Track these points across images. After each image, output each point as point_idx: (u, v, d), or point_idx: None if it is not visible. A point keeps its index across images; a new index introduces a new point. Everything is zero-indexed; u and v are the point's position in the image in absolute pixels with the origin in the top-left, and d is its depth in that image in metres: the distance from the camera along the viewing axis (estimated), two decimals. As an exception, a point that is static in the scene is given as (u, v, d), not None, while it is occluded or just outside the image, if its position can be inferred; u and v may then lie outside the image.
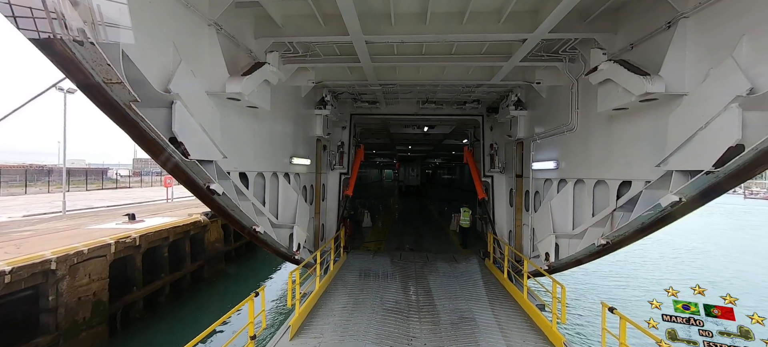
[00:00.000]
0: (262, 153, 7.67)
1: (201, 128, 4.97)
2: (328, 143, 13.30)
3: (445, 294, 8.66)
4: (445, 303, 8.14)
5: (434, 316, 7.41)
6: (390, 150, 32.24)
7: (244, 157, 6.75)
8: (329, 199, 13.53)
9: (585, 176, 7.47)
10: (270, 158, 8.07)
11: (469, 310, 7.68)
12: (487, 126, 13.60)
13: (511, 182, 12.50)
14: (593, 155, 7.17)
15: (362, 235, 16.98)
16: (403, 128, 19.17)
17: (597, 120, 6.97)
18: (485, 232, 13.82)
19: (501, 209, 12.98)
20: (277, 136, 8.49)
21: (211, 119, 5.35)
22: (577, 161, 7.81)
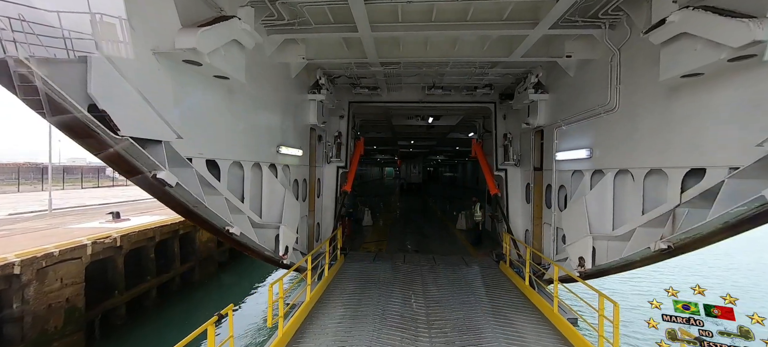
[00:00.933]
0: (241, 139, 6.36)
1: (140, 95, 3.69)
2: (323, 133, 12.00)
3: (458, 305, 7.38)
4: (459, 316, 6.86)
5: (446, 333, 6.13)
6: (391, 146, 30.93)
7: (214, 141, 5.45)
8: (325, 195, 12.25)
9: (630, 165, 6.16)
10: (251, 146, 6.76)
11: (488, 326, 6.39)
12: (500, 114, 12.27)
13: (527, 175, 11.18)
14: (642, 138, 5.85)
15: (362, 234, 15.70)
16: (406, 120, 17.84)
17: (649, 95, 5.65)
18: (498, 232, 12.52)
19: (516, 206, 11.67)
20: (262, 120, 7.18)
21: (158, 87, 4.07)
22: (617, 147, 6.50)
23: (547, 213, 9.62)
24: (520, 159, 11.64)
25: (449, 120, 17.26)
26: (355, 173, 13.33)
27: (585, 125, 7.58)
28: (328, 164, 12.32)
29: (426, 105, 12.78)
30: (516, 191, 11.75)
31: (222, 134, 5.67)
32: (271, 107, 7.65)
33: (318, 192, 11.72)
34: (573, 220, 7.31)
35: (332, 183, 12.30)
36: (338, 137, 12.28)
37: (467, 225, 17.20)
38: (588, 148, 7.31)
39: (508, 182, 11.85)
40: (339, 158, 12.20)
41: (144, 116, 3.76)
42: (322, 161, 12.05)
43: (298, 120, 9.63)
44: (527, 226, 11.14)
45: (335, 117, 12.67)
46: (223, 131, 5.71)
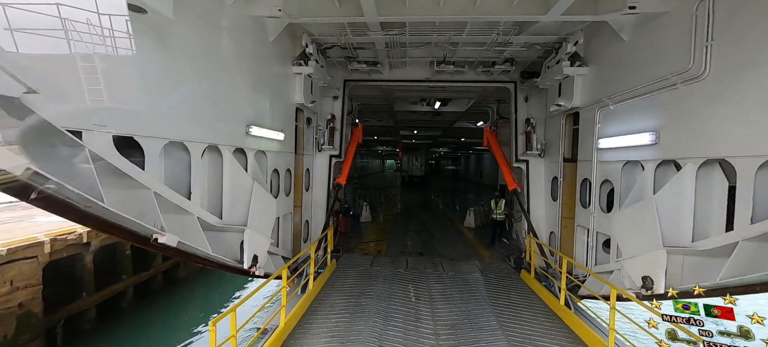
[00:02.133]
0: (185, 111, 4.60)
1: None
2: (314, 115, 10.22)
3: (475, 331, 5.73)
4: None
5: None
6: (393, 136, 29.12)
7: (132, 110, 3.71)
8: (316, 188, 10.53)
9: (729, 152, 4.40)
10: (204, 122, 5.01)
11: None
12: (521, 96, 10.46)
13: (553, 168, 9.43)
14: (751, 115, 4.09)
15: (360, 232, 14.03)
16: (410, 106, 16.04)
17: None
18: (518, 233, 10.81)
19: (538, 204, 9.95)
20: (222, 89, 5.41)
21: None
22: (703, 129, 4.73)
23: (581, 213, 7.89)
24: (545, 149, 9.87)
25: (458, 106, 15.43)
26: (352, 163, 11.65)
27: (647, 101, 5.80)
28: (320, 152, 10.58)
29: (434, 85, 10.97)
30: (539, 187, 10.01)
31: (146, 99, 3.90)
32: (236, 74, 5.86)
33: (306, 185, 10.01)
34: (630, 226, 5.58)
35: (324, 175, 10.58)
36: (331, 121, 10.52)
37: (476, 223, 15.53)
38: (652, 131, 5.53)
39: (529, 175, 10.10)
40: (332, 146, 10.45)
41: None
42: (312, 149, 10.31)
43: (279, 97, 7.86)
44: (553, 228, 9.43)
45: (328, 98, 10.88)
46: (146, 94, 3.92)
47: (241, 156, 6.13)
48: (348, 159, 11.31)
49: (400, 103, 15.70)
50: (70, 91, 2.96)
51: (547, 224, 9.68)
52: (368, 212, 16.37)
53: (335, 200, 10.28)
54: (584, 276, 7.54)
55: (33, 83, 2.47)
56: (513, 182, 10.14)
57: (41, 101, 2.65)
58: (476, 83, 10.72)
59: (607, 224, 6.83)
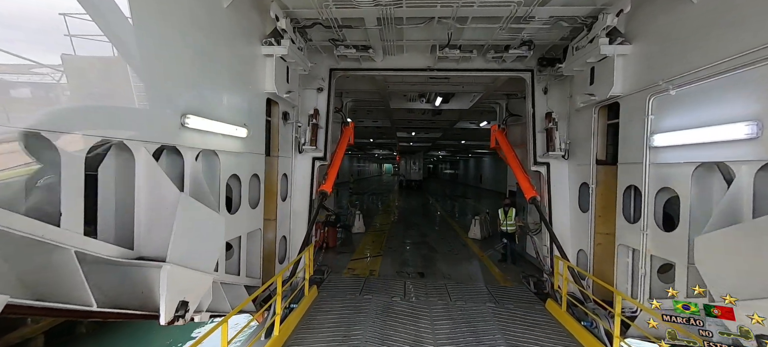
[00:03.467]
0: (43, 84, 2.93)
1: None
2: (292, 109, 8.54)
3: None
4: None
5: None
6: (390, 138, 27.49)
7: None
8: (296, 197, 8.82)
9: None
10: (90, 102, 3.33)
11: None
12: (539, 87, 8.84)
13: (581, 172, 7.81)
14: None
15: (352, 245, 12.33)
16: (408, 103, 14.42)
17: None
18: (539, 249, 9.14)
19: (562, 216, 8.31)
20: (131, 53, 3.71)
21: None
22: None
23: (626, 230, 6.23)
24: (570, 149, 8.25)
25: (461, 102, 13.83)
26: (347, 166, 10.01)
27: (736, 81, 4.19)
28: (301, 154, 8.89)
29: (436, 75, 9.34)
30: (562, 195, 8.37)
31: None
32: (164, 40, 4.17)
33: (284, 193, 8.30)
34: (728, 255, 3.91)
35: (305, 181, 8.88)
36: (314, 116, 8.84)
37: (482, 233, 13.87)
38: (753, 121, 3.91)
39: (551, 182, 8.46)
40: (315, 147, 8.76)
41: None
42: (291, 150, 8.61)
43: (241, 83, 6.18)
44: (581, 245, 7.78)
45: (311, 90, 9.21)
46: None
47: (174, 156, 4.43)
48: (335, 163, 9.62)
49: (396, 100, 14.07)
50: None
51: (574, 239, 8.03)
52: (362, 222, 14.67)
53: (319, 210, 8.56)
54: (633, 311, 5.89)
55: None
56: (530, 188, 8.49)
57: None
58: (485, 72, 9.09)
59: (667, 247, 5.19)
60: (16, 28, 2.85)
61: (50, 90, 3.38)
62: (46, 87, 3.31)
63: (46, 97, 3.47)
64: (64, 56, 3.18)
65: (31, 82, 3.21)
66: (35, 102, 3.29)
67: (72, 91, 3.22)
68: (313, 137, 8.73)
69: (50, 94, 3.43)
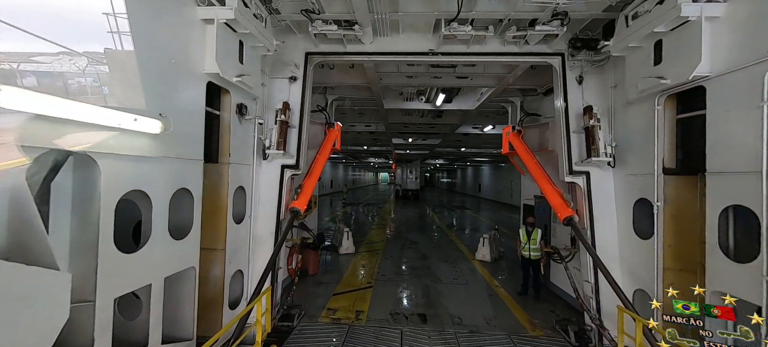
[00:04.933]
0: None
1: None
2: (253, 102, 6.51)
3: None
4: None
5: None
6: (385, 145, 25.53)
7: None
8: (259, 217, 6.74)
9: None
10: None
11: None
12: (572, 75, 6.92)
13: (637, 185, 5.86)
14: None
15: (339, 269, 10.22)
16: (404, 103, 12.48)
17: None
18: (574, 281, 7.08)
19: (608, 243, 6.30)
20: None
21: None
22: None
23: (725, 272, 4.23)
24: (617, 154, 6.30)
25: (466, 101, 11.93)
26: (334, 175, 8.00)
27: None
28: (266, 160, 6.85)
29: (440, 61, 7.41)
30: (608, 214, 6.38)
31: None
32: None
33: (239, 213, 6.21)
34: None
35: (272, 195, 6.82)
36: (283, 112, 6.82)
37: (492, 254, 11.83)
38: None
39: (591, 196, 6.48)
40: (284, 151, 6.72)
41: None
42: (251, 155, 6.57)
43: (155, 54, 4.17)
44: (641, 283, 5.76)
45: (281, 80, 7.23)
46: None
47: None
48: (314, 172, 7.59)
49: (391, 98, 12.15)
50: None
51: (628, 275, 6.01)
52: (351, 241, 12.56)
53: (286, 235, 6.47)
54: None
55: None
56: (564, 205, 6.49)
57: None
58: (502, 58, 7.16)
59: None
60: None
61: None
62: None
63: None
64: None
65: None
66: None
67: None
68: (281, 139, 6.69)
69: None
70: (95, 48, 3.78)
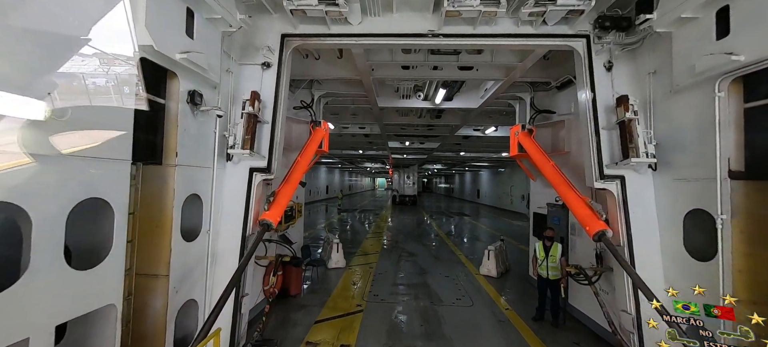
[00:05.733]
0: None
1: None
2: (212, 90, 5.31)
3: None
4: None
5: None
6: (381, 148, 24.36)
7: None
8: (223, 232, 5.50)
9: None
10: None
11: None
12: (599, 61, 5.79)
13: (689, 192, 4.71)
14: None
15: (325, 289, 8.95)
16: (400, 101, 11.32)
17: None
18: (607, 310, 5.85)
19: (650, 264, 5.12)
20: None
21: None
22: None
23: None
24: (658, 154, 5.15)
25: (469, 99, 10.79)
26: (329, 180, 6.80)
27: None
28: (230, 162, 5.64)
29: (441, 45, 6.24)
30: (649, 228, 5.21)
31: None
32: None
33: (191, 227, 4.98)
34: None
35: (237, 204, 5.58)
36: (252, 102, 5.61)
37: (498, 268, 10.62)
38: None
39: (627, 205, 5.31)
40: (251, 151, 5.50)
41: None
42: (210, 156, 5.35)
43: (55, 15, 2.97)
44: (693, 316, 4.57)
45: (252, 67, 6.04)
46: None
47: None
48: (293, 176, 6.37)
49: (386, 95, 10.99)
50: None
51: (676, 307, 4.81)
52: (341, 254, 11.30)
53: (251, 255, 5.23)
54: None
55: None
56: (594, 217, 5.30)
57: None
58: (515, 40, 6.02)
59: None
60: None
61: None
62: None
63: None
64: None
65: None
66: None
67: None
68: (249, 136, 5.48)
69: None
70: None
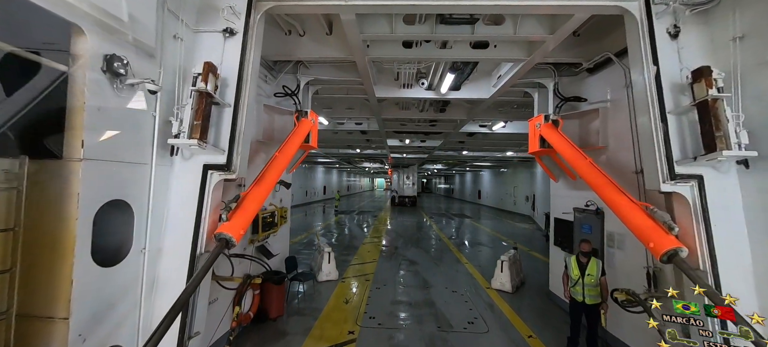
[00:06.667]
0: None
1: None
2: (149, 60, 3.93)
3: None
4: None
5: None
6: (380, 147, 23.00)
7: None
8: (169, 250, 4.13)
9: None
10: None
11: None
12: (661, 27, 4.44)
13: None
14: None
15: (312, 309, 7.59)
16: (401, 90, 9.95)
17: None
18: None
19: (739, 292, 3.77)
20: None
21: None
22: None
23: None
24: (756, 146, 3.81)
25: (479, 88, 9.44)
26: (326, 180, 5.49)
27: None
28: (176, 156, 4.27)
29: (454, 6, 4.88)
30: (739, 245, 3.87)
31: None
32: None
33: (113, 246, 3.61)
34: None
35: (185, 213, 4.21)
36: (205, 77, 4.23)
37: (513, 281, 9.28)
38: None
39: (707, 214, 3.96)
40: (205, 142, 4.13)
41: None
42: (144, 148, 3.98)
43: None
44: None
45: (212, 35, 4.66)
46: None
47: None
48: (266, 177, 5.01)
49: (384, 84, 9.62)
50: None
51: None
52: (333, 264, 9.93)
53: (204, 275, 3.88)
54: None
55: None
56: (662, 231, 3.95)
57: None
58: (546, 1, 4.68)
59: None
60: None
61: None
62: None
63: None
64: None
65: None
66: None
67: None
68: (199, 121, 4.10)
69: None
70: None
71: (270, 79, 7.51)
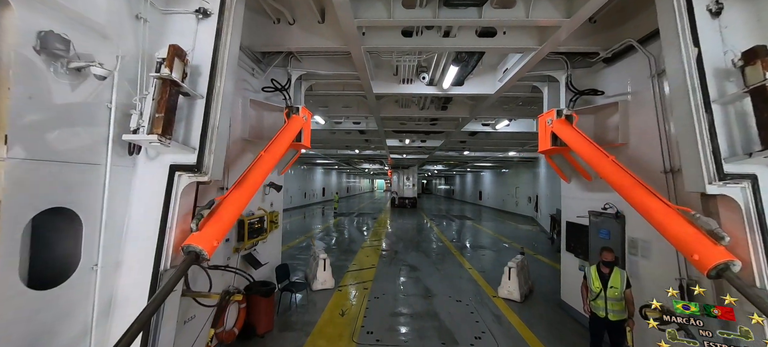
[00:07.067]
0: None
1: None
2: (102, 42, 3.33)
3: None
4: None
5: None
6: (379, 147, 22.39)
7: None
8: (130, 264, 3.52)
9: None
10: None
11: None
12: (702, 3, 3.82)
13: None
14: None
15: (305, 322, 6.97)
16: (400, 86, 9.36)
17: None
18: None
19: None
20: None
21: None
22: None
23: None
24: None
25: (483, 82, 8.85)
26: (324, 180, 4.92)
27: None
28: (139, 155, 3.67)
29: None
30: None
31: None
32: None
33: (62, 258, 3.00)
34: None
35: (148, 222, 3.60)
36: (169, 62, 3.63)
37: (521, 290, 8.67)
38: None
39: (763, 220, 3.35)
40: (164, 137, 3.52)
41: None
42: (103, 146, 3.37)
43: None
44: None
45: (184, 16, 4.06)
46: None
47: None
48: (248, 179, 4.42)
49: (382, 79, 9.02)
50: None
51: None
52: (329, 272, 9.32)
53: (169, 293, 3.29)
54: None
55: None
56: (708, 241, 3.35)
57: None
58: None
59: None
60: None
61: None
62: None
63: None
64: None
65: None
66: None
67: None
68: (162, 113, 3.49)
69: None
70: None
71: (258, 72, 6.91)
